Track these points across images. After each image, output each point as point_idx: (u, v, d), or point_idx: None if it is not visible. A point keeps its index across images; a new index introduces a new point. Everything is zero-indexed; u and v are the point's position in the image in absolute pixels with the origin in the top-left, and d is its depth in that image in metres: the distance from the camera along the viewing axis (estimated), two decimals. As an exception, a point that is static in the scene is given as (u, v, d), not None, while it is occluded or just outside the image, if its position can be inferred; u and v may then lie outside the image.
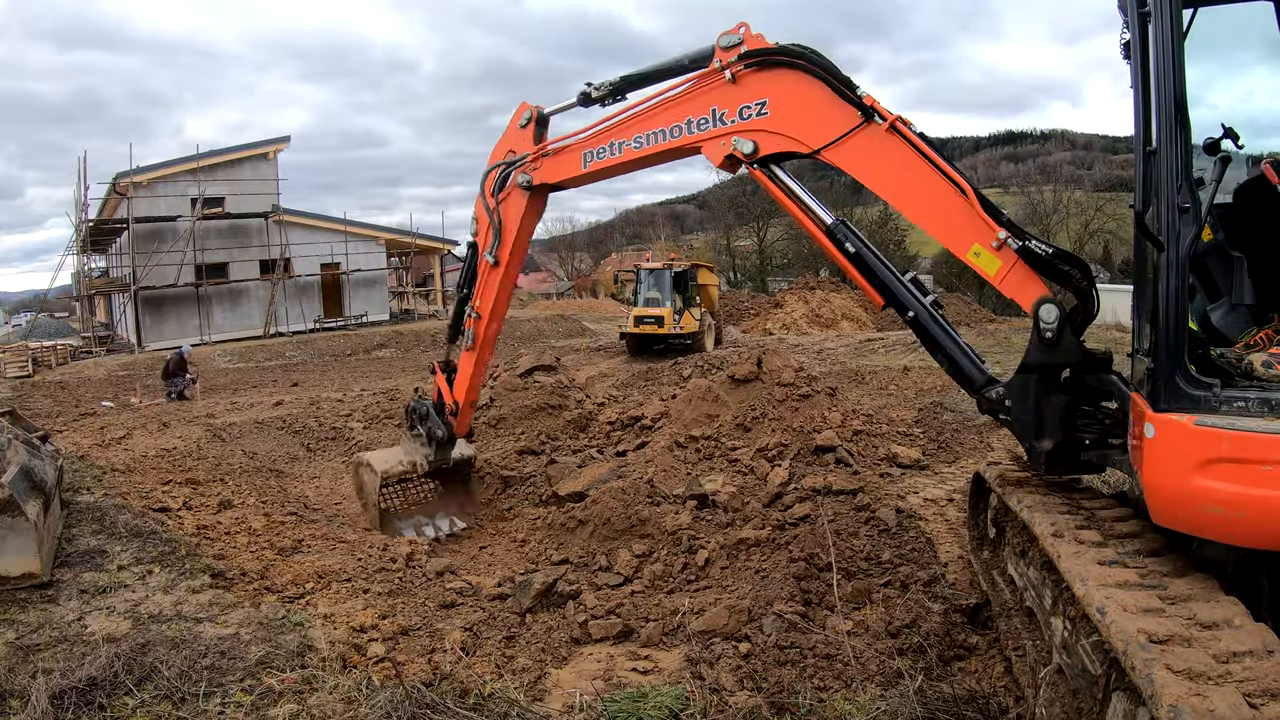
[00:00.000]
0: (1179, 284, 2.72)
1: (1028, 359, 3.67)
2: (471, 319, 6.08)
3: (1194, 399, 2.69)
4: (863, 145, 3.91)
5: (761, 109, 4.22)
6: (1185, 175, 2.74)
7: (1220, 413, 2.64)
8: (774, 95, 4.17)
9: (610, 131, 4.97)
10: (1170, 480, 2.70)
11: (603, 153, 5.00)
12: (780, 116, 4.18)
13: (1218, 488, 2.55)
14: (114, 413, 14.31)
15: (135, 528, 5.68)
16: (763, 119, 4.22)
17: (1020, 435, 3.81)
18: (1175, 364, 2.73)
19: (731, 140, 4.31)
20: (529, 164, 5.46)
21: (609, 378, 16.01)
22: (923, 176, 3.79)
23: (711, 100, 4.37)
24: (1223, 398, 2.65)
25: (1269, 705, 2.04)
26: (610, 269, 52.30)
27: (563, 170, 5.33)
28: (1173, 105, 2.73)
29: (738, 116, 4.29)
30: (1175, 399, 2.72)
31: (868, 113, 3.87)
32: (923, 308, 4.03)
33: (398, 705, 3.41)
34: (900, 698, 3.47)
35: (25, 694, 3.40)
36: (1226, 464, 2.55)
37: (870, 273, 4.15)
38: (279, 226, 29.76)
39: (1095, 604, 2.57)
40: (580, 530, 6.36)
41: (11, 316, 51.82)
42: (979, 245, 3.69)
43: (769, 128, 4.21)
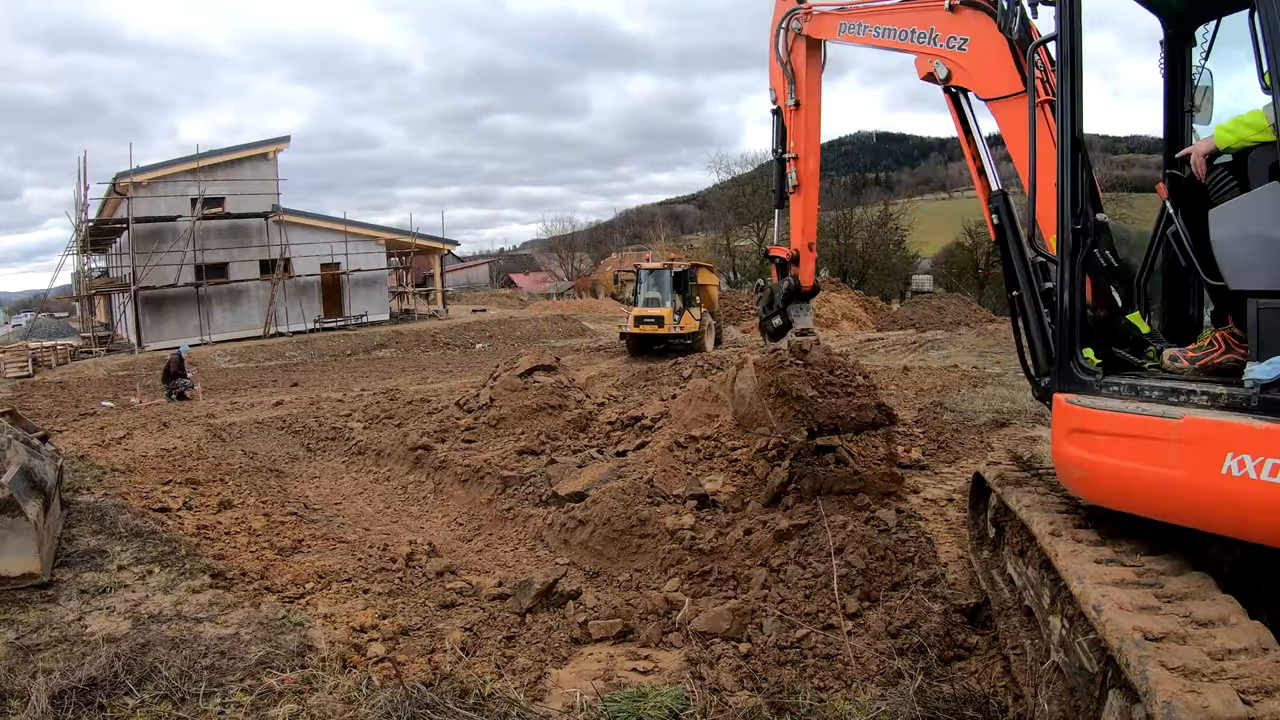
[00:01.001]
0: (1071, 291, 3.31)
1: None
2: (791, 161, 6.69)
3: (1082, 383, 3.25)
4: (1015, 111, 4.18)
5: (963, 45, 4.58)
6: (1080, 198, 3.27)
7: (1097, 395, 3.15)
8: (975, 36, 4.50)
9: (861, 14, 5.57)
10: (1055, 447, 3.35)
11: (852, 28, 5.66)
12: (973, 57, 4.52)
13: (1075, 453, 3.15)
14: (114, 413, 14.32)
15: (135, 528, 5.68)
16: (960, 53, 4.59)
17: None
18: (1069, 355, 3.32)
19: (935, 61, 4.71)
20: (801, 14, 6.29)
21: (609, 378, 16.02)
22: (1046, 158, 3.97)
23: (932, 20, 4.77)
24: (1104, 383, 3.16)
25: (1263, 702, 2.06)
26: (610, 269, 52.32)
27: (825, 29, 6.08)
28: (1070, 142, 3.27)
29: (945, 43, 4.68)
30: (1068, 383, 3.32)
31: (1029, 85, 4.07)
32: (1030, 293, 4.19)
33: (398, 705, 3.41)
34: (900, 698, 3.47)
35: (25, 694, 3.40)
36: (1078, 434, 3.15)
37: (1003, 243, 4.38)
38: (279, 226, 29.78)
39: (1091, 602, 2.60)
40: (580, 530, 6.37)
41: (11, 316, 51.82)
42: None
43: (961, 62, 4.58)
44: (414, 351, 27.31)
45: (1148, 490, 2.83)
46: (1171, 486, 2.72)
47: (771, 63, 6.71)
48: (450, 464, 8.74)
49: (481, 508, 7.79)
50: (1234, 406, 2.63)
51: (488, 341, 28.87)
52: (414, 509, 8.17)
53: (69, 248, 28.91)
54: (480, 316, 34.45)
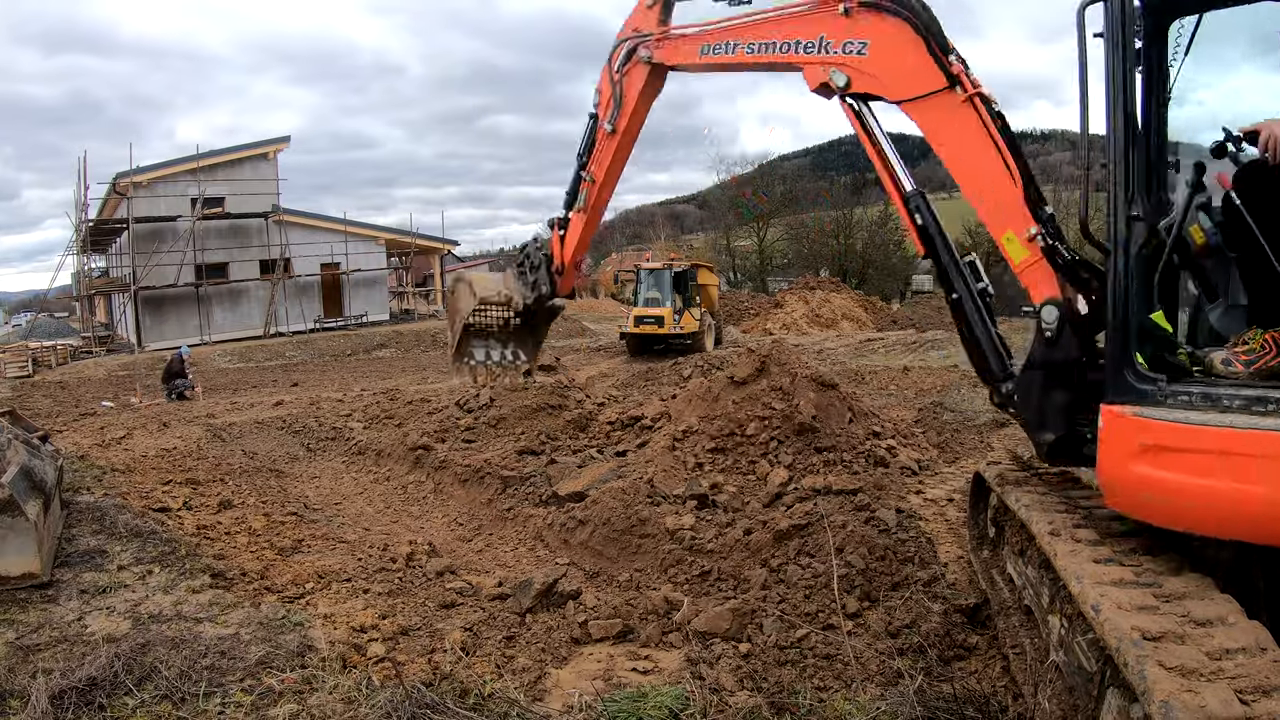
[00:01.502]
0: (1127, 288, 2.95)
1: (1031, 356, 3.76)
2: (586, 183, 6.47)
3: (1140, 393, 2.87)
4: (938, 109, 4.02)
5: (862, 49, 4.37)
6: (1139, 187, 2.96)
7: (1165, 406, 2.80)
8: (876, 39, 4.32)
9: (729, 32, 5.22)
10: (1114, 467, 2.93)
11: (718, 49, 5.29)
12: (876, 60, 4.32)
13: (1150, 474, 2.75)
14: (114, 413, 14.32)
15: (135, 528, 5.69)
16: (860, 58, 4.38)
17: (1026, 428, 3.90)
18: (1124, 361, 2.95)
19: (830, 70, 4.50)
20: (653, 42, 5.83)
21: (609, 378, 16.03)
22: (982, 154, 3.87)
23: (822, 28, 4.56)
24: (1168, 392, 2.82)
25: (1260, 701, 2.06)
26: (610, 269, 52.31)
27: (680, 55, 5.67)
28: (1123, 124, 2.96)
29: (840, 49, 4.47)
30: (1123, 392, 2.93)
31: (951, 80, 3.96)
32: (969, 293, 4.14)
33: (398, 705, 3.41)
34: (900, 698, 3.47)
35: (25, 694, 3.40)
36: (1156, 452, 2.74)
37: (932, 247, 4.26)
38: (279, 226, 29.78)
39: (1090, 601, 2.60)
40: (580, 530, 6.36)
41: (11, 316, 51.82)
42: (1012, 232, 3.78)
43: (864, 67, 4.38)
44: (414, 351, 27.31)
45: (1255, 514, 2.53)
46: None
47: (604, 75, 6.21)
48: (450, 464, 8.73)
49: (481, 508, 7.79)
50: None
51: (488, 341, 28.83)
52: (414, 509, 8.17)
53: (69, 248, 28.95)
54: (480, 316, 34.40)
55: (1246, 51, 3.53)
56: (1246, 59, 3.59)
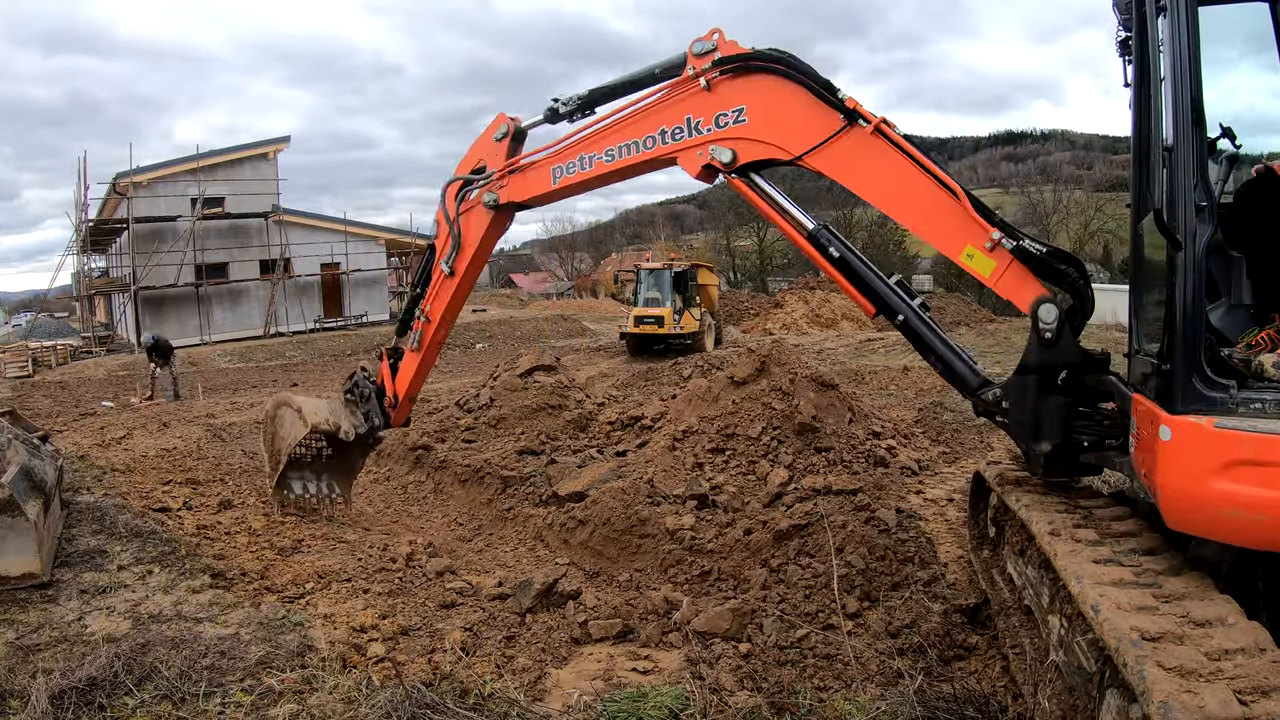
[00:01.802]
0: (1197, 283, 2.66)
1: (1027, 360, 3.64)
2: (420, 321, 5.92)
3: (1210, 401, 2.63)
4: (846, 149, 3.83)
5: (739, 116, 4.09)
6: (1201, 173, 2.72)
7: (1238, 414, 2.58)
8: (752, 101, 4.06)
9: (580, 145, 4.76)
10: (1189, 483, 2.64)
11: (572, 167, 4.80)
12: (759, 123, 4.07)
13: (1239, 490, 2.50)
14: (114, 413, 14.31)
15: (135, 528, 5.68)
16: (740, 126, 4.10)
17: (1018, 437, 3.79)
18: (1193, 365, 2.66)
19: (709, 149, 4.18)
20: (495, 182, 5.28)
21: (609, 378, 16.02)
22: (909, 179, 3.72)
23: (686, 109, 4.24)
24: (1239, 399, 2.60)
25: (1259, 702, 2.06)
26: (610, 269, 52.32)
27: (531, 187, 5.13)
28: (1189, 104, 2.70)
29: (714, 125, 4.17)
30: (1192, 401, 2.65)
31: (850, 116, 3.78)
32: (911, 311, 3.97)
33: (398, 705, 3.41)
34: (900, 698, 3.47)
35: (25, 694, 3.40)
36: (1248, 467, 2.50)
37: (855, 277, 4.08)
38: (279, 226, 29.77)
39: (1090, 601, 2.59)
40: (580, 530, 6.37)
41: (11, 316, 51.82)
42: (971, 247, 3.64)
43: (748, 135, 4.10)
44: (414, 351, 27.28)
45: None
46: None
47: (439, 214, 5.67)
48: (450, 464, 8.74)
49: (481, 508, 7.79)
50: None
51: (488, 341, 28.87)
52: (414, 509, 8.17)
53: (69, 248, 28.94)
54: (480, 316, 34.44)
55: (1245, 50, 3.53)
56: (1245, 58, 3.59)
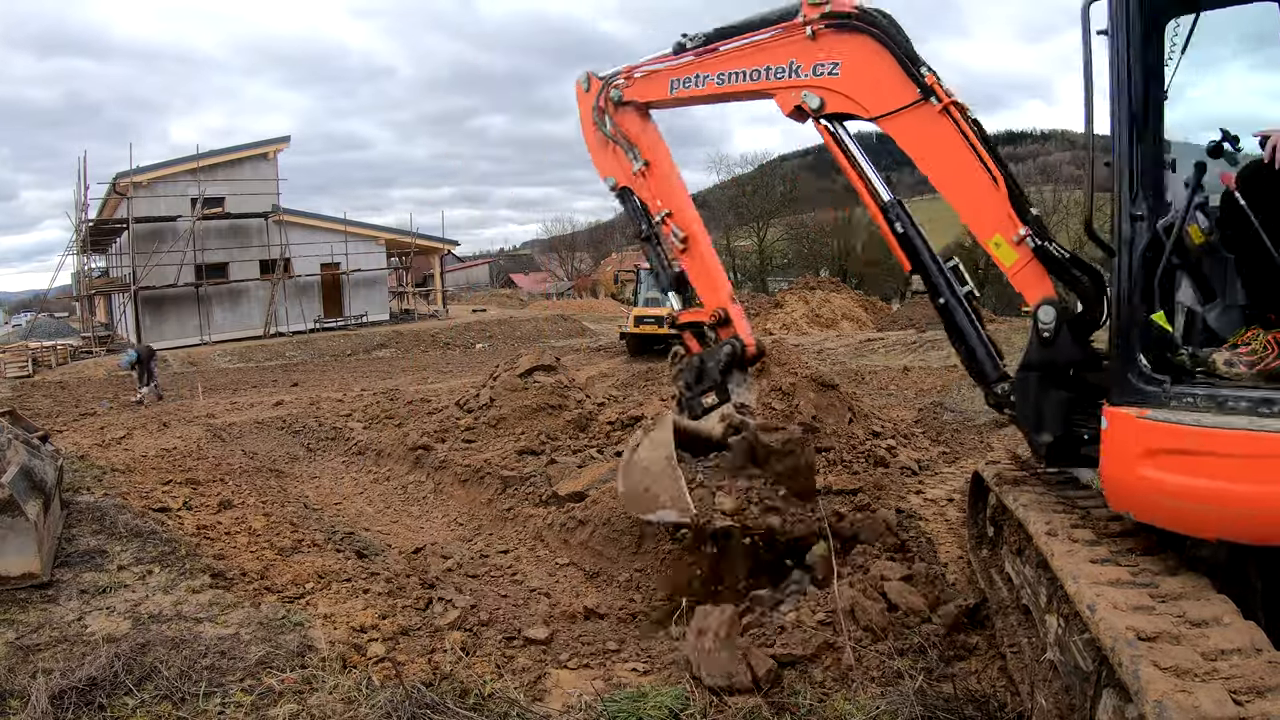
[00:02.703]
0: (1130, 288, 2.92)
1: (1028, 357, 3.76)
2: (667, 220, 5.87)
3: (1145, 394, 2.86)
4: (915, 121, 4.04)
5: (834, 69, 4.36)
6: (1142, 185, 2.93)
7: (1169, 407, 2.79)
8: (846, 58, 4.32)
9: (697, 65, 5.19)
10: (1120, 469, 2.92)
11: (687, 83, 5.26)
12: (849, 79, 4.32)
13: (1161, 477, 2.74)
14: (114, 412, 14.32)
15: (135, 528, 5.69)
16: (832, 78, 4.37)
17: (1023, 429, 3.91)
18: (1129, 361, 2.93)
19: (802, 93, 4.48)
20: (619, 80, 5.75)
21: (609, 378, 16.02)
22: (963, 161, 3.90)
23: (791, 53, 4.54)
24: (1172, 393, 2.81)
25: (1254, 702, 2.06)
26: (610, 269, 52.34)
27: (651, 92, 5.60)
28: (1127, 122, 2.92)
29: (811, 72, 4.46)
30: (1127, 394, 2.91)
31: (926, 91, 3.97)
32: (954, 298, 4.15)
33: (398, 705, 3.41)
34: (900, 698, 3.47)
35: (25, 694, 3.40)
36: (1167, 455, 2.72)
37: (914, 254, 4.27)
38: (279, 226, 29.78)
39: (1086, 601, 2.60)
40: (580, 530, 6.36)
41: (11, 316, 51.81)
42: (1000, 236, 3.79)
43: (837, 88, 4.37)
44: (414, 351, 27.31)
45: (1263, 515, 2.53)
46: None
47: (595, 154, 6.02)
48: (450, 464, 8.74)
49: (481, 508, 7.79)
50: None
51: (488, 341, 28.88)
52: (414, 509, 8.17)
53: (69, 248, 28.96)
54: (480, 316, 34.48)
55: (1240, 51, 3.54)
56: (1240, 58, 3.60)
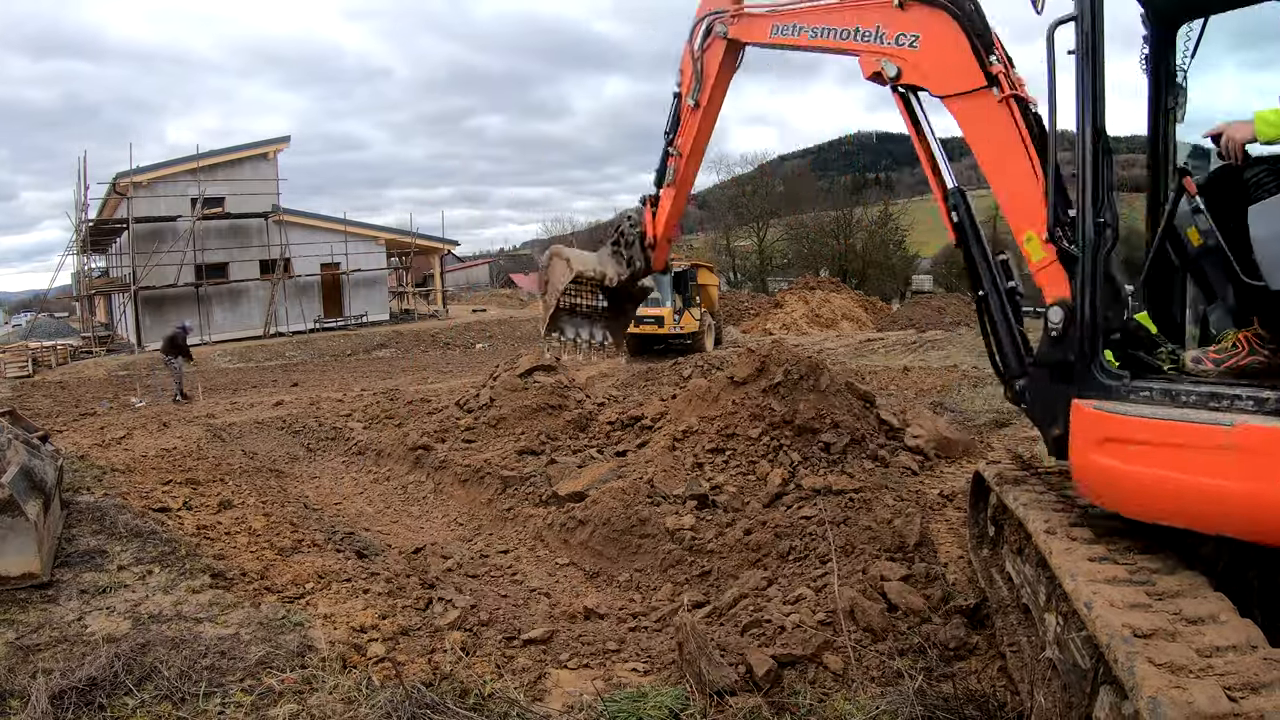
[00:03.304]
0: (1093, 290, 3.15)
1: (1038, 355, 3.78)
2: (674, 157, 6.40)
3: (1105, 388, 3.07)
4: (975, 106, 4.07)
5: (914, 42, 4.41)
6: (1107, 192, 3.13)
7: (1127, 400, 2.97)
8: (927, 32, 4.35)
9: (796, 15, 5.31)
10: (1079, 457, 3.14)
11: (786, 30, 5.37)
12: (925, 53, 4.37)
13: (1109, 464, 2.94)
14: (114, 412, 14.32)
15: (135, 528, 5.69)
16: (911, 50, 4.43)
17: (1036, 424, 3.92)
18: (1091, 357, 3.14)
19: (882, 60, 4.55)
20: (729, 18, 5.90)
21: (609, 378, 16.01)
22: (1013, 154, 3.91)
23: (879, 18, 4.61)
24: (1130, 387, 3.00)
25: (1249, 699, 2.07)
26: (610, 269, 52.20)
27: (753, 33, 5.74)
28: (1091, 134, 3.12)
29: (894, 41, 4.51)
30: (1090, 387, 3.13)
31: (990, 80, 3.99)
32: (995, 292, 4.16)
33: (398, 705, 3.41)
34: (900, 698, 3.47)
35: (25, 694, 3.40)
36: (1113, 443, 2.93)
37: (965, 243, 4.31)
38: (279, 226, 29.79)
39: (1083, 599, 2.61)
40: (580, 530, 6.37)
41: (11, 316, 51.80)
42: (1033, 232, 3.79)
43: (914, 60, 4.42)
44: (414, 351, 27.32)
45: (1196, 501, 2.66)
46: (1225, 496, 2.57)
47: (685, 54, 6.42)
48: (450, 464, 8.74)
49: (481, 508, 7.80)
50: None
51: (488, 341, 28.88)
52: (414, 509, 8.18)
53: (69, 248, 28.96)
54: (480, 316, 34.48)
55: (1249, 52, 3.55)
56: (1249, 59, 3.61)
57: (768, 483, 6.62)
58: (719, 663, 3.69)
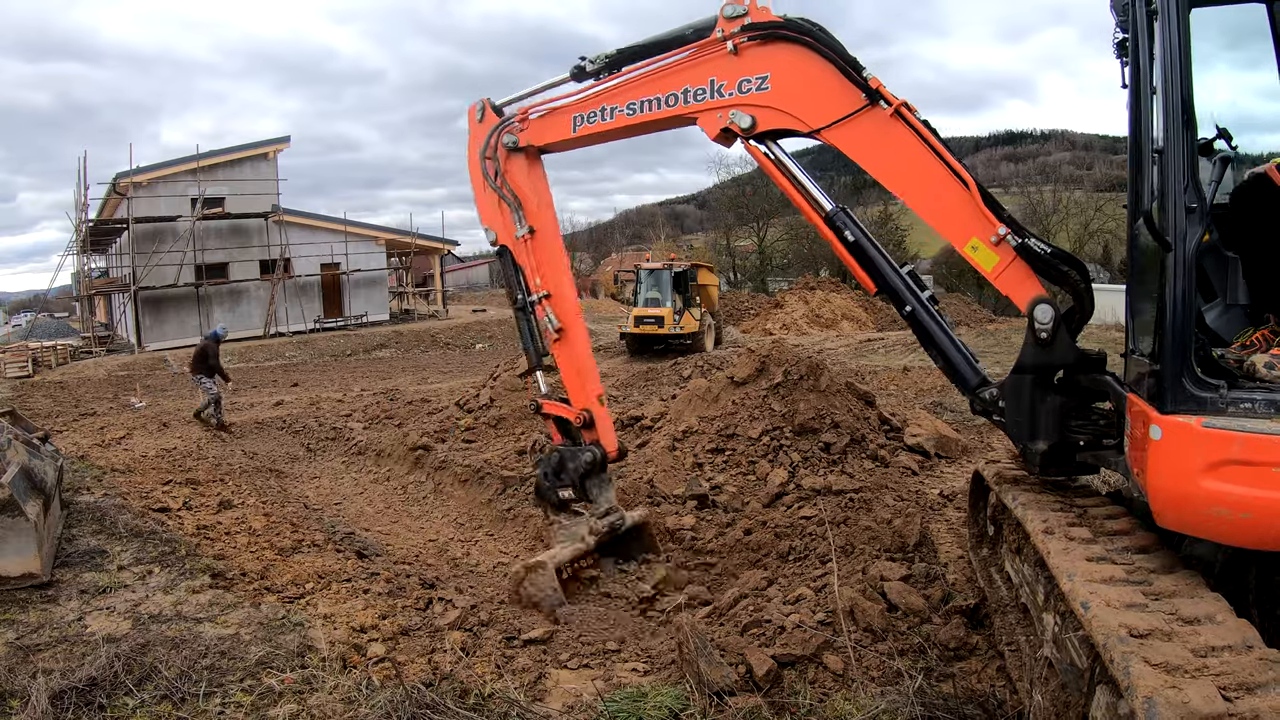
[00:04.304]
0: (1186, 284, 2.70)
1: (1022, 359, 3.66)
2: (544, 302, 5.41)
3: (1200, 400, 2.65)
4: (865, 128, 3.83)
5: (762, 83, 4.12)
6: (1192, 175, 2.74)
7: (1227, 414, 2.61)
8: (776, 70, 4.08)
9: (603, 96, 4.79)
10: (1177, 482, 2.66)
11: (593, 117, 4.84)
12: (781, 92, 4.09)
13: (1226, 490, 2.53)
14: (114, 412, 14.32)
15: (135, 528, 5.69)
16: (763, 94, 4.13)
17: (1014, 437, 3.80)
18: (1182, 365, 2.69)
19: (729, 113, 4.21)
20: (514, 125, 5.28)
21: (609, 378, 16.00)
22: (924, 165, 3.72)
23: (710, 70, 4.26)
24: (1229, 399, 2.62)
25: (1244, 698, 2.07)
26: (610, 269, 52.29)
27: (551, 132, 5.14)
28: (1179, 106, 2.71)
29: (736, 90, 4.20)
30: (1182, 401, 2.67)
31: (872, 96, 3.78)
32: (919, 303, 4.00)
33: (398, 705, 3.41)
34: (900, 698, 3.47)
35: (25, 694, 3.41)
36: (1235, 466, 2.52)
37: (869, 262, 4.09)
38: (279, 227, 29.77)
39: (1080, 599, 2.61)
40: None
41: (11, 317, 51.79)
42: (977, 239, 3.64)
43: (769, 103, 4.12)
44: (414, 352, 27.31)
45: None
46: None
47: (480, 198, 5.49)
48: (450, 464, 8.75)
49: (481, 508, 7.80)
50: None
51: (487, 341, 28.87)
52: (414, 509, 8.18)
53: (69, 248, 28.93)
54: (480, 317, 34.44)
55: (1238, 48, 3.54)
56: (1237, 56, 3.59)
57: (768, 483, 6.63)
58: (719, 663, 3.68)
